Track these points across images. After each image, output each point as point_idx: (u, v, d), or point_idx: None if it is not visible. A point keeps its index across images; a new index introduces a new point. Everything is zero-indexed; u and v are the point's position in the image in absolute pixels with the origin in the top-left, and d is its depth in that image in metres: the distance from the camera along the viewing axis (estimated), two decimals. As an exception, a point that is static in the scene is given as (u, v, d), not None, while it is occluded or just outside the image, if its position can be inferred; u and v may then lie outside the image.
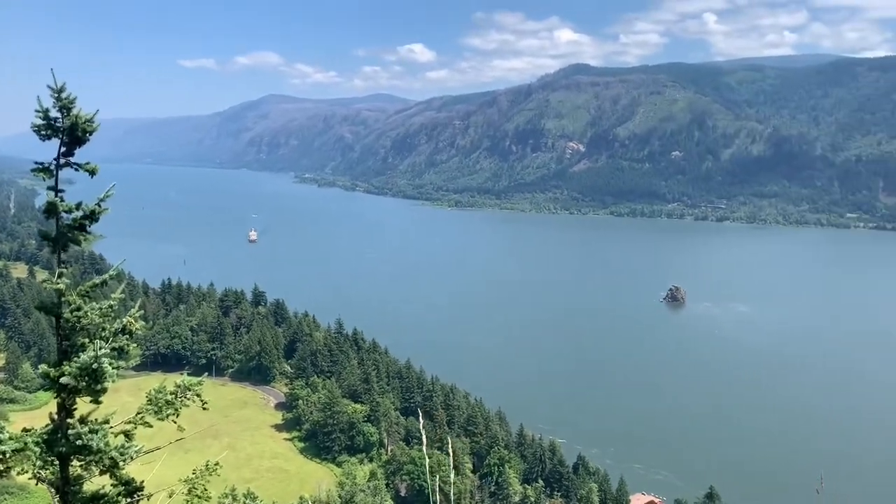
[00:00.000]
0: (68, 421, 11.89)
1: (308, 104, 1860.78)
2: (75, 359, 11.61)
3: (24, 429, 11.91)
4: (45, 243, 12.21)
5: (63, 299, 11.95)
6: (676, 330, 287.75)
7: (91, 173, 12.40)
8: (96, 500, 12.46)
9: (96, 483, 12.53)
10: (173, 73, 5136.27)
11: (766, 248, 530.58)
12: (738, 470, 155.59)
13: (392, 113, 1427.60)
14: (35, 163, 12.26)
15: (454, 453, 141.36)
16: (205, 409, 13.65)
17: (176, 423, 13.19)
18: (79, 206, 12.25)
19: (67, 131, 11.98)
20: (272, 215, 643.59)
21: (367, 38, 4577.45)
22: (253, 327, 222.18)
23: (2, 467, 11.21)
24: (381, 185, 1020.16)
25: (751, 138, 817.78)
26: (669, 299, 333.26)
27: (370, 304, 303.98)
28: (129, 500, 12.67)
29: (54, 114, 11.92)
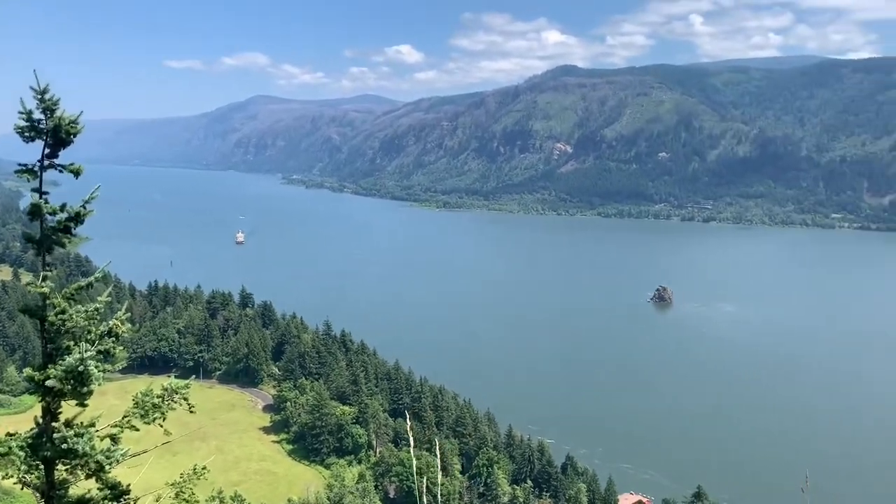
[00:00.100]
0: (53, 424, 11.80)
1: (295, 105, 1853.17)
2: (60, 362, 11.52)
3: (9, 433, 11.82)
4: (30, 245, 12.12)
5: (48, 302, 11.85)
6: (664, 330, 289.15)
7: (75, 174, 12.30)
8: (82, 504, 12.36)
9: (82, 487, 12.43)
10: (160, 74, 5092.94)
11: (753, 248, 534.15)
12: (726, 469, 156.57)
13: (380, 114, 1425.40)
14: (19, 164, 12.16)
15: (442, 454, 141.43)
16: (192, 412, 13.59)
17: (162, 426, 13.11)
18: (63, 207, 12.16)
19: (51, 133, 11.88)
20: (259, 217, 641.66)
21: (355, 38, 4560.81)
22: (240, 329, 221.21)
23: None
24: (369, 186, 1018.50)
25: (737, 139, 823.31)
26: (657, 299, 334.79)
27: (358, 305, 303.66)
28: (115, 504, 12.58)
29: (38, 115, 11.82)
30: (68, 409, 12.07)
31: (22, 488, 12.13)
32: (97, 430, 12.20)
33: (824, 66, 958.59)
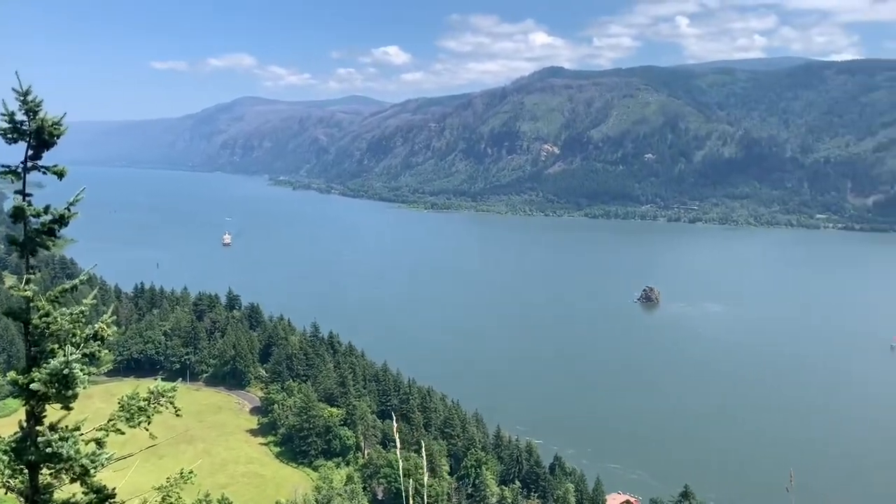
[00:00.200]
0: (38, 428, 11.71)
1: (282, 106, 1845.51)
2: (45, 365, 11.44)
3: (-8, 437, 11.70)
4: (14, 248, 12.03)
5: (32, 305, 11.76)
6: (651, 331, 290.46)
7: (59, 176, 12.22)
8: (67, 508, 12.27)
9: (67, 491, 12.34)
10: (145, 75, 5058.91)
11: (738, 248, 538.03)
12: (713, 468, 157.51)
13: (367, 115, 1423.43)
14: (1, 166, 12.06)
15: (429, 455, 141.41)
16: (178, 416, 13.51)
17: (148, 430, 13.03)
18: (47, 209, 12.08)
19: (34, 134, 11.80)
20: (246, 218, 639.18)
21: (342, 39, 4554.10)
22: (227, 331, 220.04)
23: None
24: (357, 187, 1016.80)
25: (722, 140, 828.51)
26: (644, 300, 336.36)
27: (346, 306, 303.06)
28: (100, 508, 12.49)
29: (20, 117, 11.73)
30: (53, 412, 11.98)
31: (6, 493, 12.01)
32: (82, 434, 12.11)
33: (808, 67, 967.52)
